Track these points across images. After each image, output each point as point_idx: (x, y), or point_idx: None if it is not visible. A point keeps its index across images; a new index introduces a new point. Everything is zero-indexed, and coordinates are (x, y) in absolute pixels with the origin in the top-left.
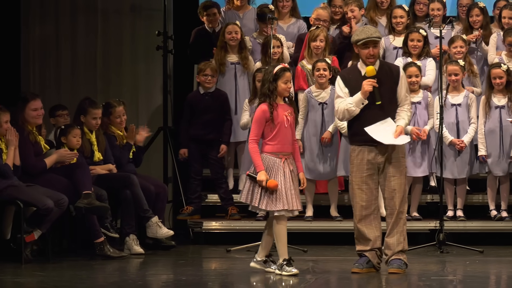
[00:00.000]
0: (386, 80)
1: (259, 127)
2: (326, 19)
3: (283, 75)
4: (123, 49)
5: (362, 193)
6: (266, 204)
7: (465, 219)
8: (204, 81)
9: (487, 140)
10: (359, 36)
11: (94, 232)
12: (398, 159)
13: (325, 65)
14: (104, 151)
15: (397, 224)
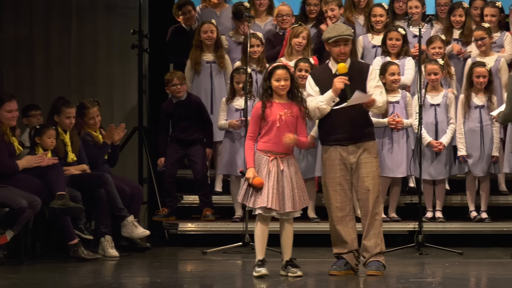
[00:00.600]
0: (357, 78)
1: (253, 124)
2: (288, 13)
3: (273, 73)
4: (98, 48)
5: (336, 194)
6: (253, 202)
7: (444, 220)
8: (174, 91)
9: (468, 140)
10: (330, 34)
11: (67, 234)
12: (370, 159)
13: (308, 66)
14: (78, 152)
15: (373, 226)
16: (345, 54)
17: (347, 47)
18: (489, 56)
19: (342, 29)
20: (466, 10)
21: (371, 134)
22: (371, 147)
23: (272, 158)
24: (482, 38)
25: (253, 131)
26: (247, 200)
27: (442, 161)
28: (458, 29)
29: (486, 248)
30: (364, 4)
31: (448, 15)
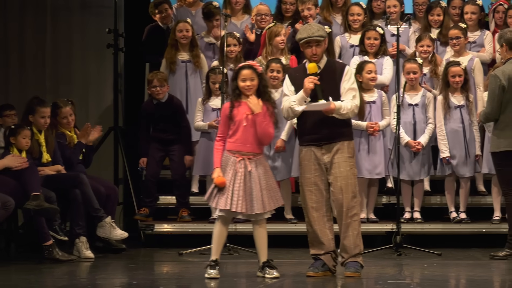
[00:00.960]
0: (330, 78)
1: (222, 125)
2: (267, 12)
3: (239, 73)
4: (73, 47)
5: (312, 194)
6: (216, 202)
7: (423, 221)
8: (154, 93)
9: (451, 141)
10: (301, 35)
11: (42, 235)
12: (345, 158)
13: (280, 67)
14: (53, 152)
15: (352, 226)
16: (317, 55)
17: (319, 48)
18: (463, 56)
19: (313, 30)
20: (444, 9)
21: (347, 134)
22: (345, 147)
23: (240, 159)
24: (457, 37)
25: (222, 132)
26: (211, 200)
27: (420, 161)
28: (436, 28)
29: (465, 249)
30: (341, 3)
31: (426, 14)
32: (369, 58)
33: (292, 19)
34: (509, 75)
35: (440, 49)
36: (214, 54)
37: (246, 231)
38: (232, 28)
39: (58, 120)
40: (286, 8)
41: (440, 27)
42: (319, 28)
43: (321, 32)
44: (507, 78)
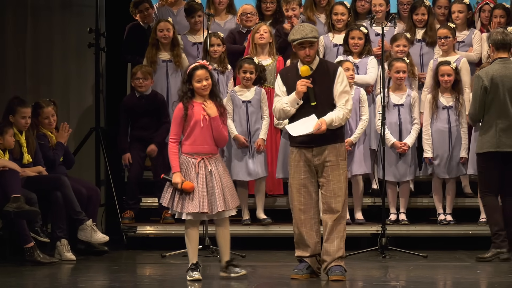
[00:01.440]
0: (323, 80)
1: (176, 126)
2: (252, 11)
3: (193, 74)
4: (54, 46)
5: (300, 196)
6: (181, 206)
7: (408, 223)
8: (136, 85)
9: (435, 141)
10: (295, 36)
11: (23, 237)
12: (337, 162)
13: (252, 67)
14: (34, 153)
15: (337, 229)
16: (310, 56)
17: (312, 49)
18: (451, 56)
19: (306, 31)
20: (429, 9)
21: (338, 136)
22: (337, 149)
23: (199, 159)
24: (446, 37)
25: (176, 133)
26: (173, 204)
27: (406, 162)
28: (420, 28)
29: (451, 251)
30: (325, 2)
31: (410, 13)
32: (353, 58)
33: (272, 18)
34: (492, 76)
35: (425, 49)
36: (198, 53)
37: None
38: (215, 28)
39: (40, 120)
40: (266, 7)
41: (425, 27)
42: (312, 29)
43: (314, 33)
44: (490, 79)
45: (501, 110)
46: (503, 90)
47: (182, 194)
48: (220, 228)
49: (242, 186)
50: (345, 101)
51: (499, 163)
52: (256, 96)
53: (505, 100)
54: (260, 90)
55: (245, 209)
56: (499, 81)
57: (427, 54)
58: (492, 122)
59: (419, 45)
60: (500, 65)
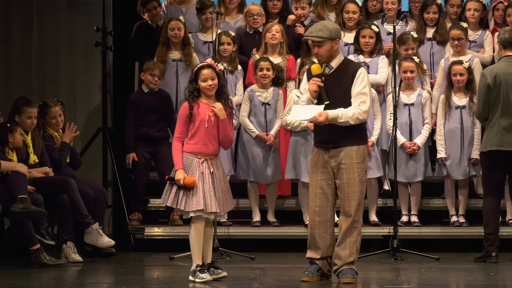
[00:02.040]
0: (341, 80)
1: (181, 125)
2: (259, 12)
3: (199, 73)
4: (60, 45)
5: (316, 197)
6: (185, 204)
7: (420, 224)
8: (150, 81)
9: (448, 141)
10: (305, 34)
11: (29, 239)
12: (352, 164)
13: (269, 65)
14: (40, 154)
15: (351, 234)
16: (319, 55)
17: (320, 48)
18: (463, 55)
19: (312, 29)
20: (440, 7)
21: (357, 138)
22: (354, 152)
23: (203, 160)
24: (459, 39)
25: (181, 132)
26: (177, 203)
27: (417, 162)
28: (431, 27)
29: (464, 253)
30: (335, 0)
31: (421, 12)
32: (364, 57)
33: (278, 16)
34: (496, 73)
35: (436, 48)
36: (209, 52)
37: (239, 234)
38: (225, 27)
39: (47, 120)
40: (273, 5)
41: (436, 25)
42: (322, 27)
43: (321, 32)
44: (493, 77)
45: (504, 108)
46: (506, 88)
47: (186, 191)
48: (207, 230)
49: (253, 187)
50: (360, 102)
51: (502, 163)
52: (274, 98)
53: (508, 98)
54: (278, 91)
55: (256, 210)
56: (503, 79)
57: (437, 53)
58: (496, 121)
59: (429, 44)
60: (505, 63)
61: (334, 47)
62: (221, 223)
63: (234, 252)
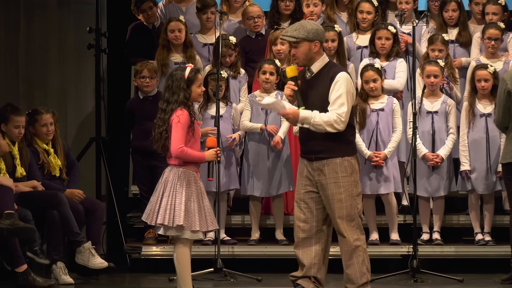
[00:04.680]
0: (317, 84)
1: (184, 133)
2: (259, 14)
3: (196, 78)
4: (50, 48)
5: (300, 212)
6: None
7: (443, 243)
8: (141, 85)
9: (472, 152)
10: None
11: (16, 259)
12: (337, 178)
13: (273, 68)
14: (28, 166)
15: (356, 253)
16: (295, 57)
17: (296, 49)
18: (496, 58)
19: (288, 29)
20: (460, 4)
21: (340, 149)
22: (337, 165)
23: (199, 174)
24: (497, 39)
25: (184, 141)
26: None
27: (440, 175)
28: (452, 26)
29: (490, 274)
30: (348, 0)
31: (440, 11)
32: (380, 61)
33: (291, 18)
34: None
35: (459, 50)
36: (210, 55)
37: (244, 254)
38: (229, 26)
39: (36, 129)
40: (285, 5)
41: (457, 25)
42: (299, 27)
43: (296, 32)
44: None
45: None
46: None
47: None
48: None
49: (254, 204)
50: (338, 107)
51: None
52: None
53: None
54: (282, 95)
55: (256, 228)
56: None
57: (461, 56)
58: None
59: (452, 46)
60: None
61: (313, 49)
62: (225, 241)
63: (239, 273)
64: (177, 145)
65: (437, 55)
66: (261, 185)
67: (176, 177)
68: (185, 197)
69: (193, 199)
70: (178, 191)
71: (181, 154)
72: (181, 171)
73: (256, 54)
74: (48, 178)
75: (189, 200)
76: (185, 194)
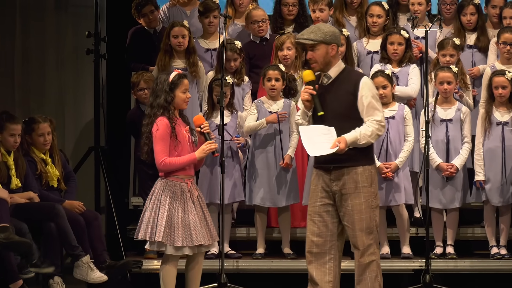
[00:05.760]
0: (339, 91)
1: (166, 145)
2: (264, 18)
3: (181, 83)
4: (47, 53)
5: (314, 226)
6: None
7: (456, 257)
8: (140, 97)
9: (487, 162)
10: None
11: (10, 274)
12: (358, 188)
13: (278, 74)
14: (24, 177)
15: (369, 268)
16: (313, 60)
17: (314, 52)
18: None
19: (303, 32)
20: (478, 8)
21: (361, 158)
22: (358, 174)
23: (190, 184)
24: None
25: (167, 153)
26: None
27: (454, 186)
28: (470, 31)
29: None
30: (357, 3)
31: (458, 15)
32: (392, 67)
33: (294, 23)
34: None
35: (478, 56)
36: (213, 61)
37: (250, 268)
38: (234, 30)
39: (33, 138)
40: (288, 10)
41: (475, 30)
42: (316, 29)
43: (313, 35)
44: None
45: None
46: None
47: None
48: (196, 265)
49: (260, 216)
50: (374, 116)
51: None
52: (284, 109)
53: None
54: (289, 103)
55: (261, 241)
56: None
57: (480, 62)
58: None
59: (470, 52)
60: None
61: (331, 53)
62: (229, 255)
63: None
64: (159, 159)
65: (448, 60)
66: (268, 195)
67: (161, 190)
68: (168, 210)
69: (177, 212)
70: (162, 204)
71: (166, 167)
72: (166, 182)
73: (260, 60)
74: (46, 189)
75: (173, 214)
76: (168, 207)
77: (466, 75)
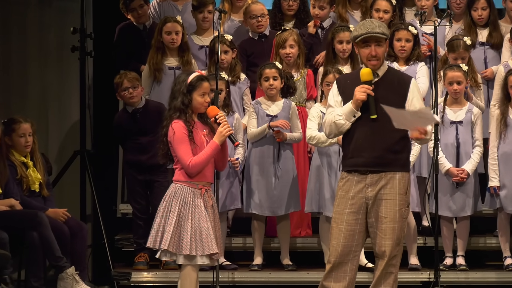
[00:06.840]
0: (390, 91)
1: (188, 146)
2: (263, 13)
3: (199, 85)
4: (29, 50)
5: (340, 235)
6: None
7: (467, 268)
8: (125, 97)
9: (502, 167)
10: (358, 32)
11: None
12: (394, 195)
13: (275, 72)
14: (6, 183)
15: (386, 279)
16: (377, 57)
17: (380, 48)
18: None
19: (372, 26)
20: (489, 2)
21: (403, 164)
22: (396, 180)
23: (204, 191)
24: None
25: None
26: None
27: (465, 193)
28: (482, 27)
29: None
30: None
31: (468, 10)
32: (399, 65)
33: (295, 18)
34: None
35: (491, 53)
36: (207, 58)
37: (246, 280)
38: (230, 26)
39: (13, 139)
40: (288, 5)
41: (487, 25)
42: (380, 24)
43: (382, 29)
44: None
45: None
46: None
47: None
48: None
49: (259, 224)
50: None
51: None
52: (284, 111)
53: None
54: (289, 104)
55: (258, 251)
56: None
57: (492, 60)
58: None
59: (482, 49)
60: None
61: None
62: (224, 266)
63: None
64: (186, 163)
65: (459, 63)
66: (266, 203)
67: (173, 195)
68: (177, 217)
69: (186, 219)
70: (172, 210)
71: (195, 168)
72: (178, 188)
73: (259, 57)
74: (28, 194)
75: (182, 221)
76: (177, 213)
77: (476, 73)
